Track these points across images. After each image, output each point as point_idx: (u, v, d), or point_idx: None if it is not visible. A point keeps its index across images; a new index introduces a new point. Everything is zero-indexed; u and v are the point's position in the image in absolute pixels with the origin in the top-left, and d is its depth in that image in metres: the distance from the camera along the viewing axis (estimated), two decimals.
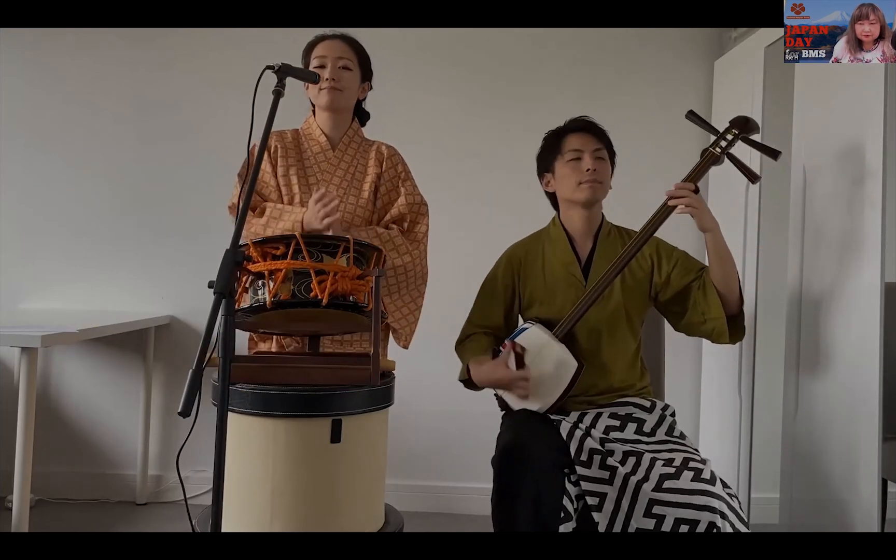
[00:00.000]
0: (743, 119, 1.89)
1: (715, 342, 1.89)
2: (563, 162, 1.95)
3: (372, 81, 2.10)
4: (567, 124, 2.00)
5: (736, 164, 1.86)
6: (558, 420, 1.82)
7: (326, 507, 1.57)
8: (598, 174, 1.92)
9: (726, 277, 1.82)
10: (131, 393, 3.01)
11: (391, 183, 2.04)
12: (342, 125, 2.04)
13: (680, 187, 1.81)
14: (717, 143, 1.87)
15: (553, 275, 1.98)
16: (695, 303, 1.88)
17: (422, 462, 3.02)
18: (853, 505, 1.92)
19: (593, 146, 1.94)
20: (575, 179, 1.93)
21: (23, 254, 3.05)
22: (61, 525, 2.74)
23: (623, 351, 1.94)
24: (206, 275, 1.33)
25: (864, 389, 1.90)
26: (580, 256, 1.98)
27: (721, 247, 1.81)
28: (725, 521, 1.54)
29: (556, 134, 2.00)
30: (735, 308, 1.86)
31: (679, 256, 1.96)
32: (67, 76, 3.07)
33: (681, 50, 3.08)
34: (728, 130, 1.87)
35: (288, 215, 1.88)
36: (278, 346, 1.98)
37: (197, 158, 3.05)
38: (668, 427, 1.86)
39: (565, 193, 1.97)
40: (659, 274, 1.94)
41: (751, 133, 1.89)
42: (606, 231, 2.00)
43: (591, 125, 1.98)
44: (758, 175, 1.88)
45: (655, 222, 1.85)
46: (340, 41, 2.00)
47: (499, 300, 2.03)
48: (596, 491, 1.67)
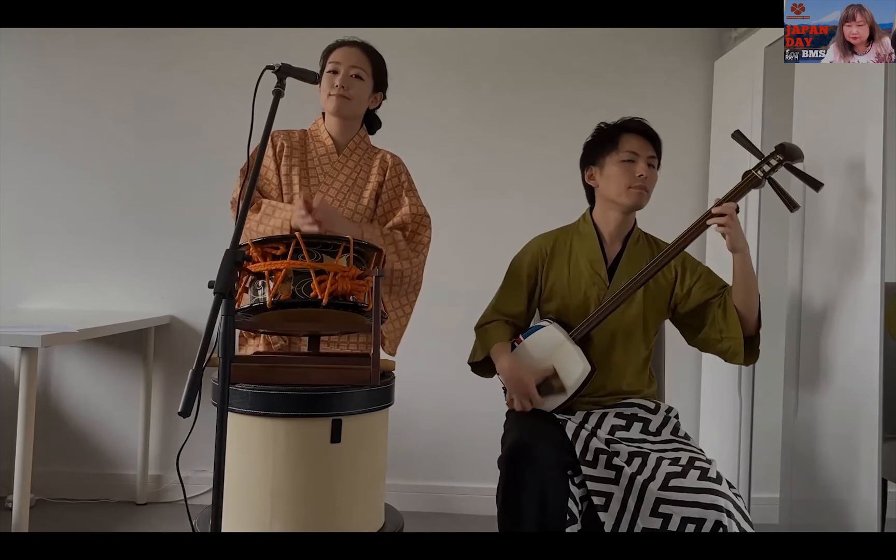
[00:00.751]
0: (790, 146, 1.89)
1: (728, 361, 1.90)
2: (617, 160, 1.92)
3: (386, 92, 2.09)
4: (626, 122, 1.97)
5: (776, 189, 1.86)
6: (564, 420, 1.82)
7: (326, 507, 1.56)
8: (647, 182, 1.91)
9: (748, 299, 1.83)
10: (131, 393, 3.01)
11: (393, 192, 2.03)
12: (350, 131, 2.04)
13: (725, 206, 1.80)
14: (760, 167, 1.87)
15: (578, 270, 1.97)
16: (713, 320, 1.88)
17: (422, 462, 3.02)
18: (853, 505, 1.92)
19: (648, 152, 1.92)
20: (625, 182, 1.91)
21: (23, 254, 3.05)
22: (61, 525, 2.74)
23: (635, 357, 1.94)
24: (206, 275, 1.33)
25: (864, 390, 1.90)
26: (607, 257, 1.97)
27: (748, 269, 1.82)
28: (732, 520, 1.54)
29: (614, 129, 1.97)
30: (752, 330, 1.86)
31: (703, 271, 1.96)
32: (67, 76, 3.07)
33: (681, 50, 3.08)
34: (773, 155, 1.87)
35: (280, 213, 1.89)
36: (265, 344, 1.97)
37: (197, 158, 3.05)
38: (672, 427, 1.87)
39: (610, 193, 1.94)
40: (681, 286, 1.94)
41: (795, 161, 1.89)
42: (636, 237, 2.00)
43: (651, 131, 1.95)
44: (797, 204, 1.89)
45: (689, 236, 1.86)
46: (358, 49, 1.99)
47: (522, 288, 2.02)
48: (602, 491, 1.67)
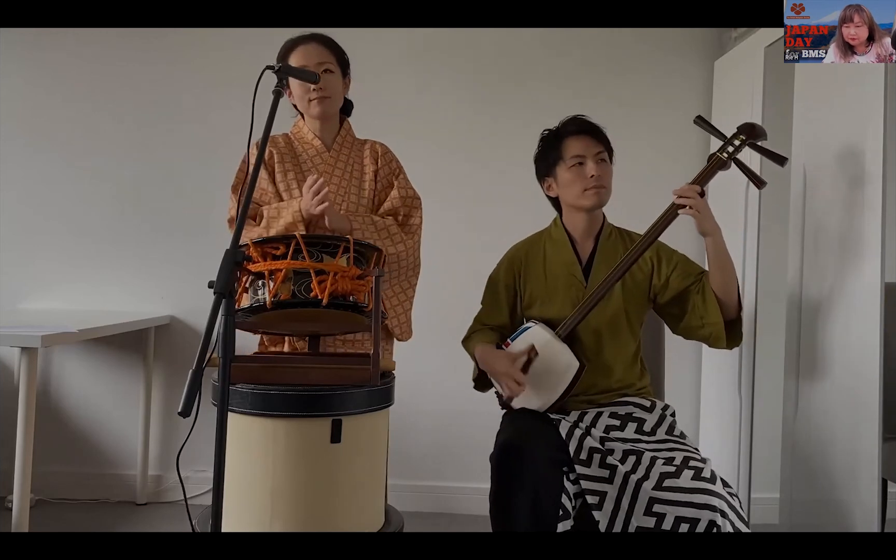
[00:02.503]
0: (750, 125, 1.88)
1: (712, 346, 1.89)
2: (566, 168, 1.93)
3: (350, 73, 2.07)
4: (565, 126, 1.96)
5: (743, 169, 1.86)
6: (558, 419, 1.82)
7: (326, 507, 1.56)
8: (602, 179, 1.91)
9: (725, 283, 1.82)
10: (131, 393, 3.01)
11: (387, 179, 2.06)
12: (333, 127, 2.05)
13: (686, 189, 1.80)
14: (724, 149, 1.86)
15: (554, 275, 1.98)
16: (693, 307, 1.88)
17: (422, 462, 3.02)
18: (853, 505, 1.92)
19: (595, 150, 1.92)
20: (580, 186, 1.91)
21: (23, 254, 3.05)
22: (61, 525, 2.74)
23: (623, 351, 1.94)
24: (206, 275, 1.33)
25: (865, 389, 1.90)
26: (581, 257, 1.98)
27: (721, 252, 1.81)
28: (726, 520, 1.54)
29: (555, 136, 1.97)
30: (733, 313, 1.86)
31: (679, 259, 1.95)
32: (67, 76, 3.07)
33: (681, 50, 3.08)
34: (735, 136, 1.86)
35: (286, 210, 1.89)
36: (290, 347, 1.97)
37: (197, 158, 3.05)
38: (668, 426, 1.86)
39: (569, 199, 1.95)
40: (658, 276, 1.94)
41: (758, 139, 1.88)
42: (608, 233, 2.00)
43: (590, 127, 1.95)
44: (764, 181, 1.88)
45: (660, 225, 1.84)
46: (317, 44, 1.97)
47: (502, 301, 2.03)
48: (596, 490, 1.67)
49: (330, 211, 1.84)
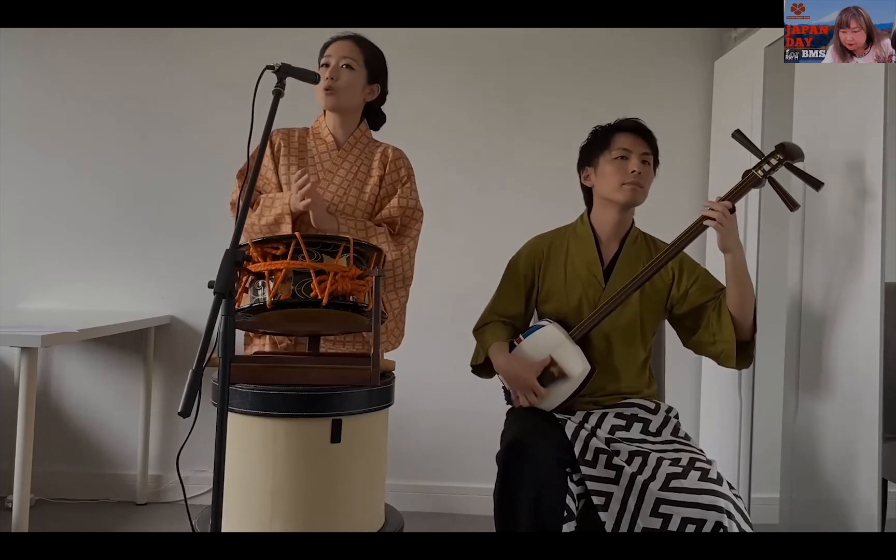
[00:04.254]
0: (788, 145, 1.88)
1: (720, 365, 1.90)
2: (609, 158, 1.93)
3: (387, 86, 2.08)
4: (619, 122, 1.97)
5: (777, 189, 1.85)
6: (563, 419, 1.82)
7: (326, 507, 1.57)
8: (641, 178, 1.90)
9: (742, 302, 1.82)
10: (131, 393, 3.01)
11: (391, 187, 2.03)
12: (349, 125, 2.04)
13: (717, 204, 1.80)
14: (761, 167, 1.86)
15: (574, 272, 1.97)
16: (708, 322, 1.88)
17: (422, 462, 3.02)
18: (853, 505, 1.92)
19: (642, 149, 1.92)
20: (618, 179, 1.91)
21: (23, 254, 3.05)
22: (61, 525, 2.74)
23: (634, 358, 1.94)
24: (206, 274, 1.33)
25: (864, 390, 1.89)
26: (604, 258, 1.97)
27: (740, 270, 1.80)
28: (732, 521, 1.54)
29: (606, 130, 1.98)
30: (747, 335, 1.86)
31: (700, 273, 1.95)
32: (67, 76, 3.07)
33: (681, 50, 3.08)
34: (773, 154, 1.86)
35: (279, 201, 1.90)
36: (272, 344, 1.98)
37: (197, 158, 3.05)
38: (672, 428, 1.86)
39: (605, 191, 1.94)
40: (678, 288, 1.94)
41: (795, 160, 1.88)
42: (634, 237, 1.99)
43: (643, 128, 1.96)
44: (797, 203, 1.88)
45: (687, 237, 1.85)
46: (349, 41, 2.00)
47: (519, 290, 2.02)
48: (602, 490, 1.67)
49: (316, 208, 1.84)
